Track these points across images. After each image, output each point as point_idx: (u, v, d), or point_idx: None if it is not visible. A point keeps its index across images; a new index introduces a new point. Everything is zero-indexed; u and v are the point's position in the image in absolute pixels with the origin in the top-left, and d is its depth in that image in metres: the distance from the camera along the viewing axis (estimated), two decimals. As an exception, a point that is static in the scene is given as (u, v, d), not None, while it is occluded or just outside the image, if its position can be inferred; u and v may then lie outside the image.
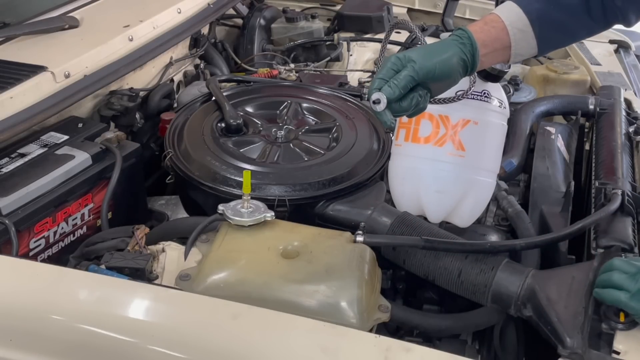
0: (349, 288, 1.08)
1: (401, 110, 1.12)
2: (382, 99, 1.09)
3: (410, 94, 1.11)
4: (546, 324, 1.10)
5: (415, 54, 1.12)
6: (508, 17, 1.19)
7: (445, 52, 1.14)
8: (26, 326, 1.04)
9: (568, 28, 1.26)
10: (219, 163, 1.43)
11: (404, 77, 1.10)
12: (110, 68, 1.63)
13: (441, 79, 1.13)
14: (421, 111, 1.15)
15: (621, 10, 1.23)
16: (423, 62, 1.11)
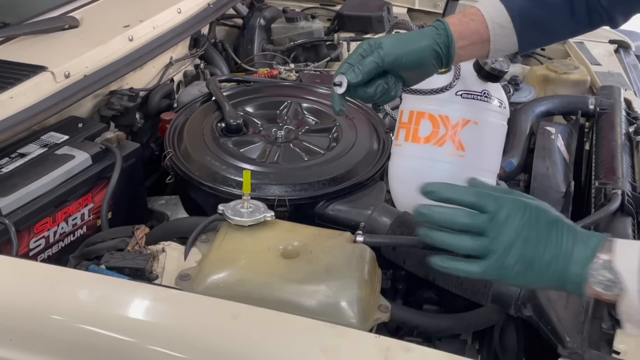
0: (349, 288, 1.08)
1: (366, 96, 1.12)
2: (343, 82, 1.09)
3: (376, 80, 1.10)
4: (546, 324, 1.10)
5: (386, 41, 1.11)
6: (489, 11, 1.18)
7: (418, 41, 1.12)
8: (26, 326, 1.04)
9: (550, 27, 1.24)
10: (219, 163, 1.43)
11: (368, 62, 1.09)
12: (110, 68, 1.63)
13: (411, 68, 1.11)
14: (392, 99, 1.13)
15: (607, 11, 1.21)
16: (391, 49, 1.09)
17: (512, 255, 0.90)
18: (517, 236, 0.90)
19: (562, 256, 0.90)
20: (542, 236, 0.90)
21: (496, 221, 0.91)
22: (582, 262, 0.89)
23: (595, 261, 0.88)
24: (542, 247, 0.90)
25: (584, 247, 0.89)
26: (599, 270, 0.88)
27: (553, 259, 0.90)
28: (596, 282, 0.88)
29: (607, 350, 1.04)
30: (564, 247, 0.90)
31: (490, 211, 0.91)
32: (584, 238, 0.91)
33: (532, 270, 0.90)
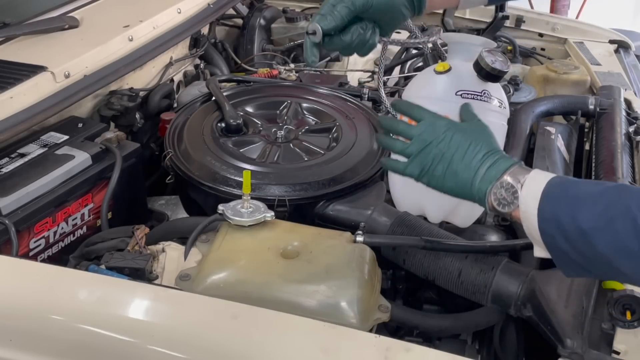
0: (349, 288, 1.08)
1: (343, 45, 1.15)
2: (317, 31, 1.11)
3: (351, 27, 1.13)
4: (546, 324, 1.10)
5: None
6: None
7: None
8: (26, 326, 1.04)
9: None
10: (219, 163, 1.43)
11: (340, 8, 1.12)
12: (110, 68, 1.63)
13: (383, 12, 1.14)
14: (371, 47, 1.17)
15: None
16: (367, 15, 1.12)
17: (428, 157, 1.08)
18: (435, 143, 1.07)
19: (472, 170, 1.05)
20: (460, 148, 1.06)
21: (422, 130, 1.09)
22: (487, 180, 1.04)
23: (499, 181, 1.02)
24: (458, 157, 1.06)
25: (493, 167, 1.04)
26: (499, 189, 1.02)
27: (464, 170, 1.05)
28: (494, 199, 1.03)
29: (607, 350, 1.04)
30: (475, 163, 1.05)
31: (422, 123, 1.10)
32: (497, 160, 1.05)
33: (444, 174, 1.07)
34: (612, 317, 1.06)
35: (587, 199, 0.97)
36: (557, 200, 0.99)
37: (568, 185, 1.01)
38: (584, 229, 0.94)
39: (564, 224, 0.96)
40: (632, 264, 0.92)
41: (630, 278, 0.97)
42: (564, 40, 2.35)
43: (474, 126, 1.12)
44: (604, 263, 0.95)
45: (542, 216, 0.99)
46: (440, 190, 1.10)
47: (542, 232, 0.99)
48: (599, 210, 0.94)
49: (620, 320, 1.05)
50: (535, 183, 1.01)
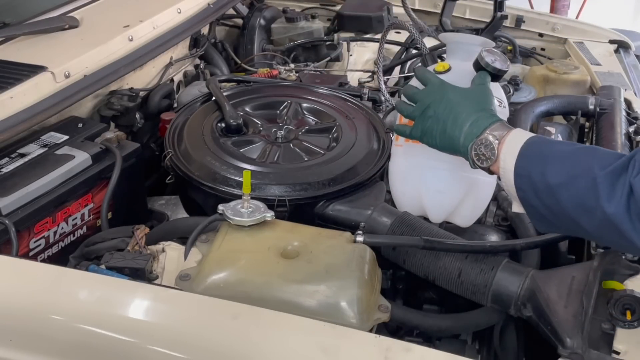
0: (349, 288, 1.08)
1: None
2: None
3: None
4: (546, 324, 1.10)
5: None
6: None
7: None
8: (26, 326, 1.04)
9: None
10: (219, 163, 1.43)
11: None
12: (110, 68, 1.63)
13: None
14: None
15: None
16: None
17: (426, 118, 1.17)
18: (432, 105, 1.17)
19: (459, 128, 1.13)
20: (450, 108, 1.15)
21: (424, 94, 1.20)
22: (469, 137, 1.12)
23: (480, 138, 1.10)
24: (447, 116, 1.15)
25: (475, 124, 1.12)
26: (479, 145, 1.11)
27: (452, 128, 1.14)
28: (475, 154, 1.11)
29: (607, 350, 1.04)
30: (460, 121, 1.13)
31: (426, 88, 1.21)
32: (479, 117, 1.13)
33: (438, 134, 1.16)
34: (612, 317, 1.06)
35: (557, 157, 1.03)
36: (531, 157, 1.05)
37: (543, 145, 1.07)
38: (551, 184, 1.01)
39: (534, 180, 1.03)
40: (591, 221, 0.97)
41: (590, 234, 1.03)
42: (564, 40, 2.35)
43: (473, 88, 1.20)
44: (567, 218, 1.01)
45: (517, 172, 1.06)
46: (436, 148, 1.18)
47: (517, 188, 1.06)
48: (566, 168, 1.01)
49: (620, 320, 1.05)
50: (514, 142, 1.08)
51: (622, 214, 0.93)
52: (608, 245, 1.17)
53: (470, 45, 1.30)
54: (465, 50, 1.30)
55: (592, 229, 0.99)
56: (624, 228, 0.93)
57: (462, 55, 1.30)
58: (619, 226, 0.93)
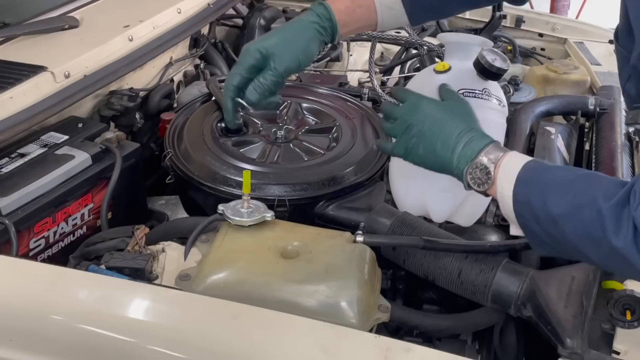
0: (349, 288, 1.08)
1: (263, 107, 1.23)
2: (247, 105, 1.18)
3: None
4: (546, 324, 1.10)
5: (275, 48, 1.17)
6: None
7: (304, 38, 1.18)
8: (26, 326, 1.04)
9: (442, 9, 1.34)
10: (219, 163, 1.43)
11: (269, 82, 1.18)
12: (110, 68, 1.63)
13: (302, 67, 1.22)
14: None
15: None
16: (284, 57, 1.17)
17: (410, 137, 1.12)
18: (416, 123, 1.12)
19: (450, 149, 1.09)
20: (437, 126, 1.10)
21: (404, 111, 1.14)
22: (463, 159, 1.08)
23: (475, 161, 1.07)
24: (435, 136, 1.10)
25: (468, 146, 1.08)
26: (474, 169, 1.07)
27: (442, 149, 1.10)
28: (470, 178, 1.08)
29: (607, 350, 1.04)
30: (452, 141, 1.09)
31: (405, 104, 1.15)
32: (472, 139, 1.08)
33: (426, 153, 1.12)
34: (612, 317, 1.06)
35: (558, 186, 1.01)
36: (530, 185, 1.03)
37: (542, 171, 1.05)
38: (553, 215, 0.98)
39: (535, 208, 1.01)
40: (597, 251, 0.96)
41: (596, 262, 1.02)
42: (564, 40, 2.35)
43: (453, 104, 1.16)
44: (572, 247, 0.99)
45: (516, 199, 1.03)
46: (423, 166, 1.15)
47: (517, 214, 1.03)
48: (568, 198, 0.98)
49: (620, 320, 1.05)
50: (510, 166, 1.05)
51: (630, 247, 0.91)
52: (615, 272, 1.15)
53: (469, 45, 1.30)
54: (464, 50, 1.31)
55: (598, 259, 0.98)
56: (633, 260, 0.91)
57: (461, 55, 1.31)
58: (627, 258, 0.92)
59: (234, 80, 1.16)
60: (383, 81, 2.04)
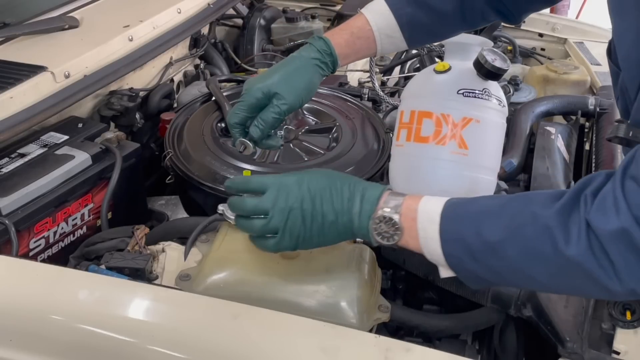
0: (349, 288, 1.08)
1: (266, 146, 1.18)
2: (247, 146, 1.16)
3: None
4: (546, 324, 1.10)
5: (278, 87, 1.14)
6: (377, 22, 1.19)
7: (306, 75, 1.16)
8: (26, 326, 1.04)
9: (439, 32, 1.30)
10: (219, 163, 1.43)
11: (271, 120, 1.14)
12: (110, 68, 1.63)
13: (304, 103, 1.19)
14: None
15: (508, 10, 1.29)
16: (287, 96, 1.14)
17: (297, 223, 1.00)
18: (297, 205, 0.99)
19: (346, 213, 0.99)
20: (324, 197, 1.00)
21: (274, 199, 1.00)
22: (365, 215, 0.98)
23: (376, 215, 0.98)
24: (327, 207, 0.99)
25: (367, 200, 0.99)
26: (378, 224, 0.98)
27: (340, 216, 0.99)
28: (377, 234, 0.98)
29: (607, 350, 1.04)
30: (345, 204, 0.99)
31: (269, 192, 1.01)
32: (365, 191, 1.00)
33: (322, 231, 1.00)
34: (612, 317, 1.06)
35: (489, 213, 0.95)
36: (457, 220, 0.96)
37: (466, 204, 0.99)
38: (491, 242, 0.92)
39: (469, 242, 0.93)
40: (546, 269, 0.90)
41: (545, 285, 0.95)
42: (564, 40, 2.35)
43: (319, 171, 1.06)
44: (517, 273, 0.93)
45: (444, 238, 0.95)
46: (322, 245, 1.04)
47: (447, 255, 0.95)
48: (505, 222, 0.92)
49: (620, 320, 1.05)
50: (429, 208, 0.98)
51: (585, 253, 0.85)
52: (563, 293, 1.09)
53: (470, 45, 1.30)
54: (464, 50, 1.30)
55: (548, 278, 0.91)
56: (589, 267, 0.86)
57: (461, 55, 1.30)
58: (584, 266, 0.86)
59: (237, 118, 1.14)
60: (383, 81, 2.04)
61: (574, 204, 0.88)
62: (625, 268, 0.84)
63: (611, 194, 0.86)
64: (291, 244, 1.02)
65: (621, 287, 0.86)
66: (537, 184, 1.50)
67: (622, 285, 0.85)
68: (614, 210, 0.85)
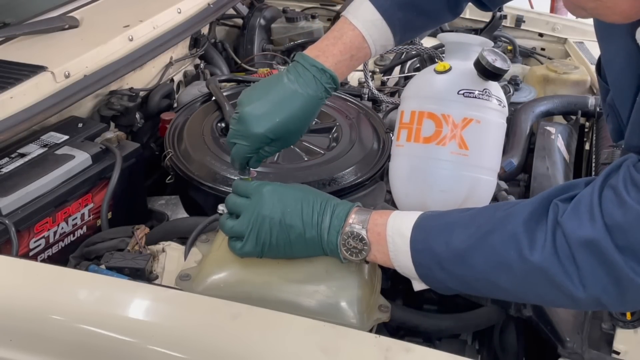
0: (349, 288, 1.08)
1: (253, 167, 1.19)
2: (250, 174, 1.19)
3: None
4: (546, 324, 1.10)
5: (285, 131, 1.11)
6: (372, 35, 1.17)
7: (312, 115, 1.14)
8: (26, 326, 1.04)
9: (427, 27, 1.31)
10: (219, 163, 1.43)
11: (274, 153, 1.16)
12: (110, 68, 1.63)
13: None
14: None
15: None
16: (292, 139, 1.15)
17: (264, 230, 1.03)
18: (267, 213, 1.03)
19: (314, 227, 1.02)
20: (295, 209, 1.02)
21: (248, 204, 1.05)
22: (333, 231, 1.01)
23: (345, 231, 1.01)
24: (296, 219, 1.02)
25: (334, 217, 1.02)
26: (347, 239, 1.00)
27: (305, 230, 1.02)
28: (346, 250, 1.01)
29: (607, 350, 1.04)
30: (314, 219, 1.02)
31: (248, 197, 1.06)
32: (337, 207, 1.03)
33: (288, 242, 1.03)
34: (612, 317, 1.06)
35: (458, 223, 0.96)
36: (428, 230, 0.98)
37: (437, 216, 1.00)
38: (459, 250, 0.93)
39: (437, 251, 0.95)
40: (512, 277, 0.91)
41: (509, 292, 0.95)
42: (564, 40, 2.35)
43: (295, 185, 1.10)
44: (483, 282, 0.94)
45: (414, 247, 0.97)
46: (293, 257, 1.07)
47: (417, 265, 0.98)
48: (472, 230, 0.94)
49: (620, 320, 1.05)
50: (400, 221, 1.00)
51: (549, 259, 0.86)
52: (528, 301, 1.10)
53: (470, 45, 1.30)
54: (465, 50, 1.30)
55: (512, 286, 0.92)
56: (553, 273, 0.86)
57: (462, 55, 1.30)
58: (548, 272, 0.86)
59: (242, 159, 1.15)
60: (383, 81, 2.04)
61: (542, 212, 0.89)
62: (591, 275, 0.85)
63: (588, 199, 0.87)
64: (256, 250, 1.05)
65: (585, 294, 0.86)
66: (537, 184, 1.50)
67: (586, 292, 0.86)
68: (588, 216, 0.85)
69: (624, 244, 0.83)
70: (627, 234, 0.83)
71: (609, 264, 0.83)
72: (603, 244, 0.83)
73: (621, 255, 0.83)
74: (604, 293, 0.86)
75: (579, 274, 0.85)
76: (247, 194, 1.07)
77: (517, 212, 0.92)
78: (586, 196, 0.87)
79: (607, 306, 0.89)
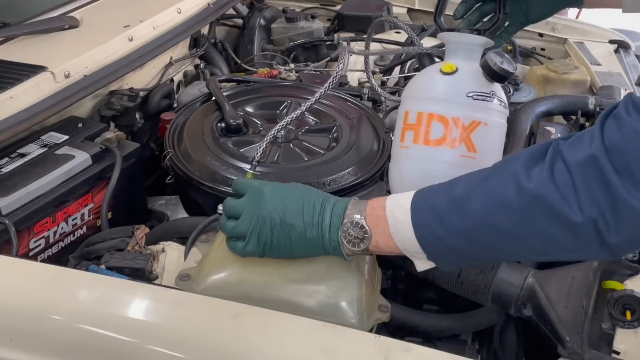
0: (349, 288, 1.08)
1: None
2: None
3: None
4: (546, 324, 1.10)
5: None
6: None
7: None
8: (26, 326, 1.04)
9: None
10: (219, 163, 1.43)
11: None
12: (110, 68, 1.63)
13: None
14: None
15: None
16: None
17: (265, 230, 1.03)
18: (268, 213, 1.02)
19: (315, 226, 1.02)
20: (295, 209, 1.02)
21: (247, 204, 1.05)
22: (333, 228, 1.01)
23: (345, 221, 1.00)
24: (297, 219, 1.02)
25: (334, 215, 1.02)
26: (347, 230, 1.00)
27: (306, 229, 1.02)
28: (347, 242, 1.01)
29: (607, 350, 1.04)
30: (315, 218, 1.02)
31: (246, 196, 1.06)
32: (336, 204, 1.03)
33: (289, 241, 1.03)
34: (612, 317, 1.06)
35: (461, 179, 0.98)
36: (429, 192, 0.99)
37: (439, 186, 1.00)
38: (457, 197, 0.94)
39: (437, 205, 0.96)
40: (509, 215, 0.90)
41: (511, 235, 0.93)
42: (564, 40, 2.35)
43: (295, 184, 1.09)
44: (482, 228, 0.93)
45: (414, 209, 0.97)
46: (295, 257, 1.06)
47: (416, 226, 0.96)
48: (475, 180, 0.96)
49: (620, 320, 1.05)
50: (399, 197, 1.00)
51: (546, 185, 0.86)
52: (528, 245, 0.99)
53: (471, 44, 1.30)
54: (466, 50, 1.30)
55: (512, 226, 0.91)
56: (552, 199, 0.86)
57: (463, 55, 1.30)
58: (545, 199, 0.86)
59: None
60: (383, 81, 2.04)
61: (543, 152, 0.90)
62: (588, 196, 0.85)
63: (589, 131, 0.88)
64: (257, 250, 1.05)
65: (583, 217, 0.85)
66: (537, 184, 1.50)
67: (583, 215, 0.85)
68: (588, 142, 0.86)
69: (620, 166, 0.83)
70: (625, 153, 0.83)
71: (607, 183, 0.84)
72: (602, 162, 0.84)
73: (617, 177, 0.83)
74: (601, 216, 0.85)
75: (577, 197, 0.85)
76: (244, 192, 1.07)
77: (517, 155, 0.93)
78: (588, 130, 0.89)
79: (603, 233, 0.86)
